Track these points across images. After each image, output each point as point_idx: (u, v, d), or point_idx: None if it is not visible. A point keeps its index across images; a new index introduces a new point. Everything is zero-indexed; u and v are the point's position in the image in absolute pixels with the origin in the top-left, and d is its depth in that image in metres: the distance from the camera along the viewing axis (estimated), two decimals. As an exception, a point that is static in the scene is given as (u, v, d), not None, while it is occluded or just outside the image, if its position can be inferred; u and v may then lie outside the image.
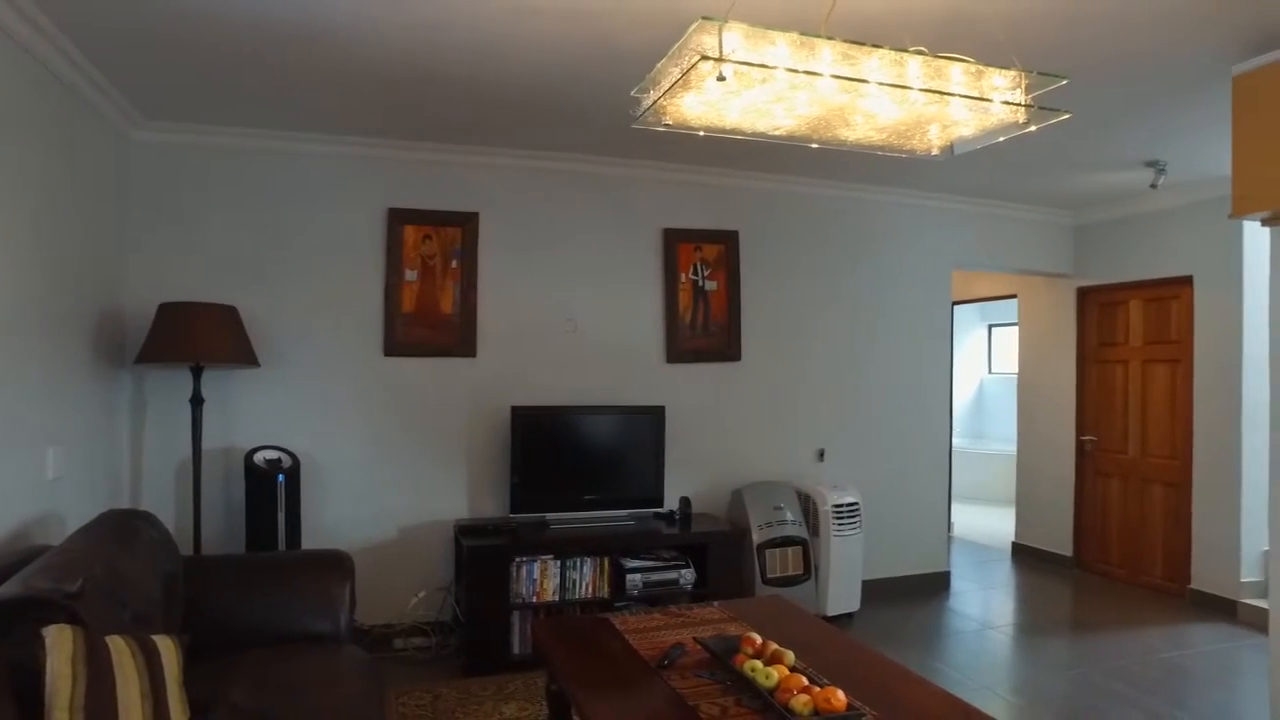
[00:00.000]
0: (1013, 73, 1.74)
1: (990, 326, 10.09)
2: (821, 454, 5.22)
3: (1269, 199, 3.08)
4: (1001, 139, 1.95)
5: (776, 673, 2.23)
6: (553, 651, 2.68)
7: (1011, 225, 5.91)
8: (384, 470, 4.32)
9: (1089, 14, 2.71)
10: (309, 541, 4.00)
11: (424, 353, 4.38)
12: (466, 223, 4.44)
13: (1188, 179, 4.91)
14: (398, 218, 4.33)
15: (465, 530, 4.16)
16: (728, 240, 4.95)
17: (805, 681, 2.19)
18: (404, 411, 4.36)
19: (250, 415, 4.10)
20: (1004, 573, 6.18)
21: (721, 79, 1.54)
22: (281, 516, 3.79)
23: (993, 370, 10.16)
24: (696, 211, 4.92)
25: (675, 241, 4.84)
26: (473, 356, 4.46)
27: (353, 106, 3.74)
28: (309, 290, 4.21)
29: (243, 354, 3.77)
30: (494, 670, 3.90)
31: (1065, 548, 6.23)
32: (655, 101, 1.73)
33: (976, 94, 1.72)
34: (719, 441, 4.96)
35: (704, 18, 1.46)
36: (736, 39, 1.53)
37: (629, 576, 4.15)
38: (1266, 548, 3.39)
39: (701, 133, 1.93)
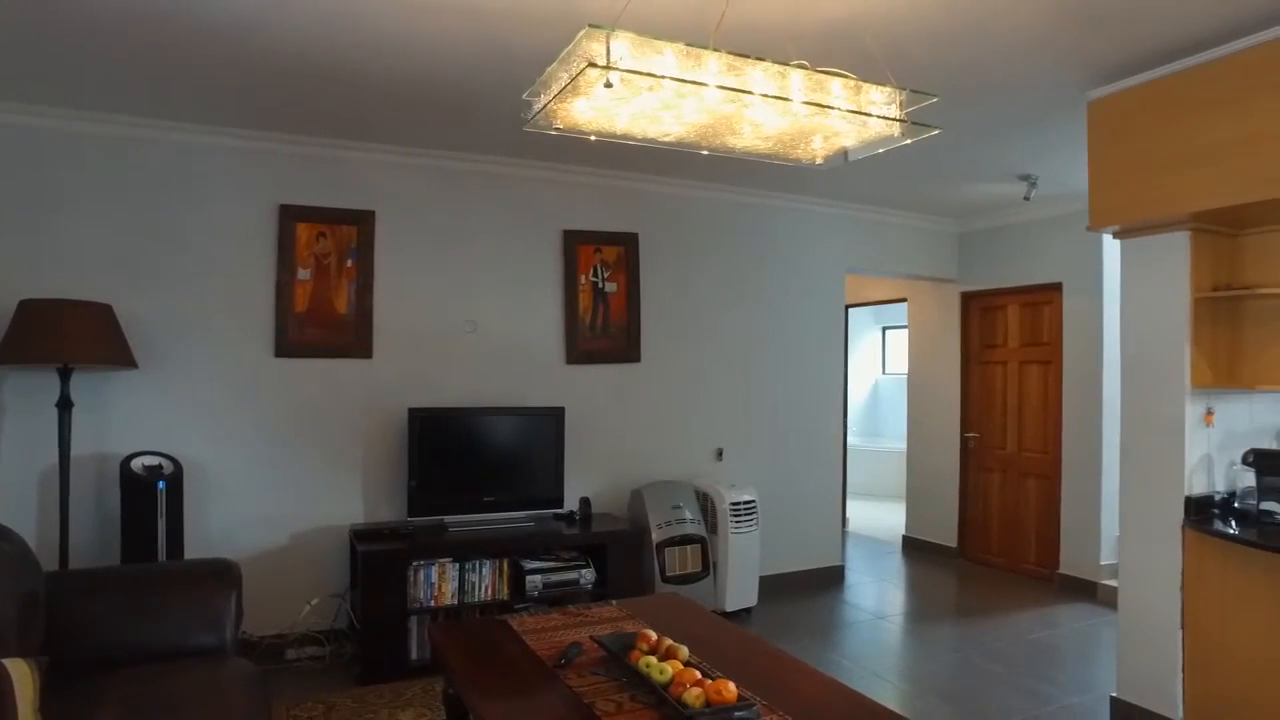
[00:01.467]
0: (889, 89, 1.84)
1: (884, 329, 10.51)
2: (720, 453, 5.34)
3: (1119, 214, 3.34)
4: (882, 150, 2.06)
5: (671, 668, 2.27)
6: (450, 655, 2.65)
7: (901, 232, 6.18)
8: (275, 475, 4.17)
9: (960, 38, 2.88)
10: (194, 551, 3.81)
11: (318, 353, 4.25)
12: (362, 221, 4.33)
13: (1057, 192, 5.25)
14: (290, 214, 4.19)
15: (361, 535, 4.06)
16: (628, 242, 5.00)
17: (698, 675, 2.24)
18: (296, 414, 4.22)
19: (128, 420, 3.87)
20: (895, 565, 6.45)
21: (609, 86, 1.57)
22: (162, 526, 3.60)
23: (886, 371, 10.59)
24: (597, 213, 4.95)
25: (575, 243, 4.86)
26: (369, 357, 4.36)
27: (240, 98, 3.60)
28: (194, 289, 4.02)
29: (118, 355, 3.57)
30: (391, 677, 3.82)
31: (951, 539, 6.56)
32: (546, 105, 1.75)
33: (855, 108, 1.82)
34: (619, 442, 5.00)
35: (591, 26, 1.49)
36: (624, 47, 1.56)
37: (529, 578, 4.14)
38: (1119, 533, 3.67)
39: (593, 137, 1.95)
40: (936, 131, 1.97)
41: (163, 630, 2.72)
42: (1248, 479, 3.34)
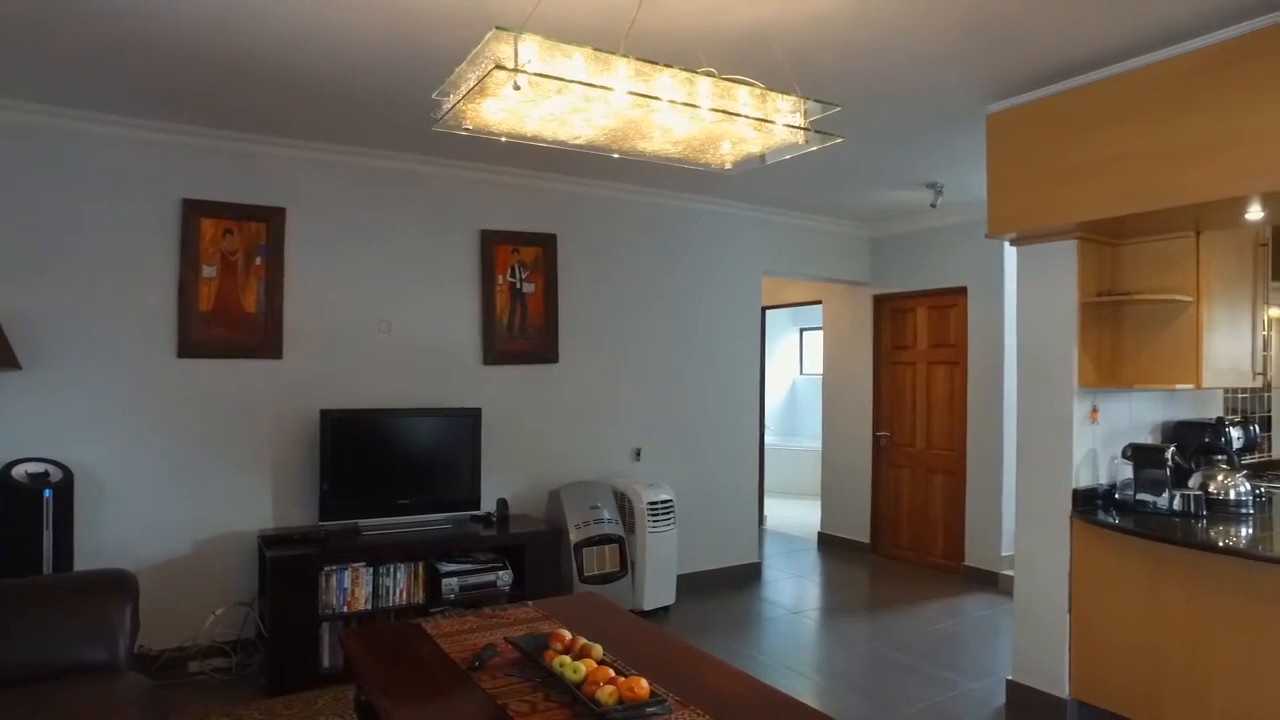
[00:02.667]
0: (793, 98, 1.90)
1: (802, 330, 10.76)
2: (638, 453, 5.38)
3: (1014, 223, 3.52)
4: (789, 156, 2.12)
5: (584, 666, 2.29)
6: (362, 661, 2.61)
7: (816, 236, 6.35)
8: (177, 481, 4.00)
9: (867, 50, 2.99)
10: (87, 562, 3.62)
11: (224, 354, 4.10)
12: (272, 218, 4.20)
13: (962, 200, 5.48)
14: (194, 209, 4.03)
15: (270, 541, 3.94)
16: (546, 243, 4.99)
17: (612, 673, 2.26)
18: (201, 417, 4.06)
19: (10, 425, 3.65)
20: (811, 561, 6.62)
21: (517, 88, 1.58)
22: (48, 537, 3.41)
23: (804, 371, 10.84)
24: (515, 213, 4.92)
25: (493, 243, 4.82)
26: (278, 358, 4.23)
27: (142, 87, 3.44)
28: (88, 286, 3.83)
29: None
30: (301, 686, 3.72)
31: (864, 535, 6.77)
32: (454, 106, 1.74)
33: (761, 116, 1.87)
34: (537, 443, 4.99)
35: (499, 28, 1.49)
36: (532, 50, 1.57)
37: (445, 580, 4.09)
38: (1015, 525, 3.86)
39: (504, 139, 1.96)
40: (839, 140, 2.05)
41: (48, 647, 2.59)
42: (1127, 472, 3.56)
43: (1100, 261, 3.63)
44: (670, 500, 4.99)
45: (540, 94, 1.68)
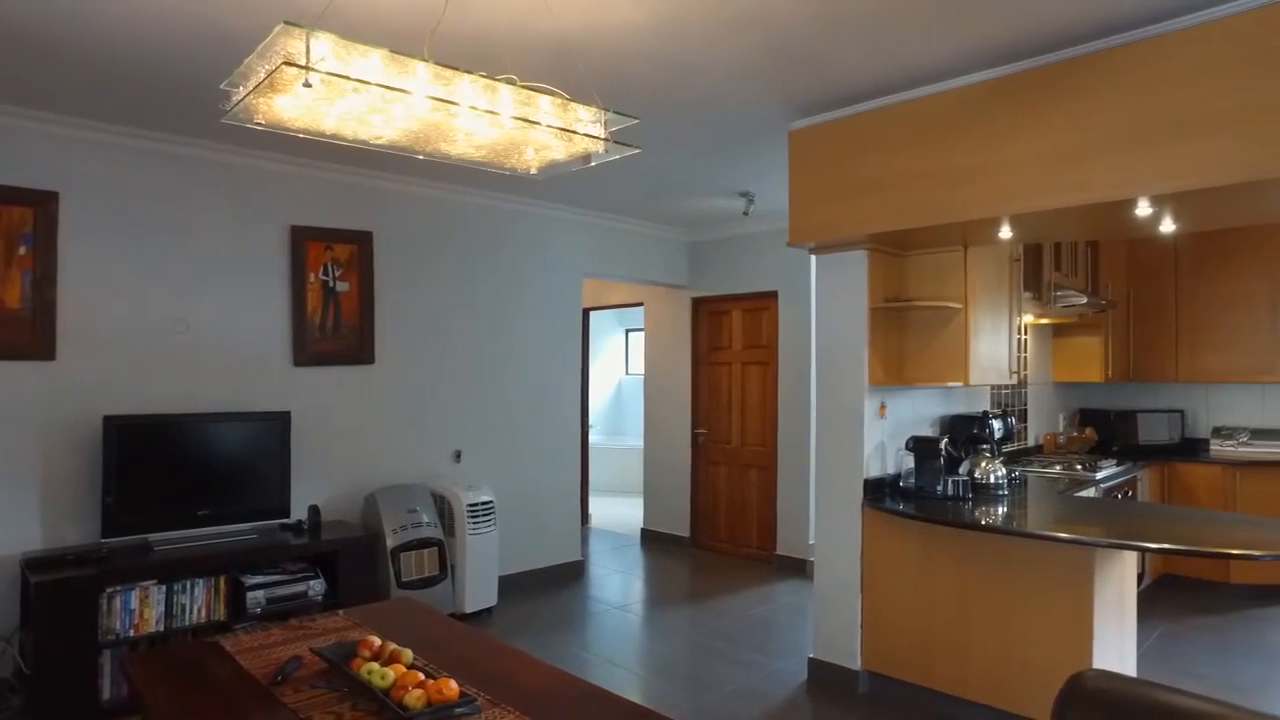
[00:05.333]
0: (594, 108, 1.97)
1: (627, 331, 11.00)
2: (458, 455, 5.31)
3: (812, 233, 3.80)
4: (594, 163, 2.19)
5: (393, 672, 2.25)
6: (148, 687, 2.42)
7: (637, 240, 6.52)
8: (-80, 499, 3.53)
9: (674, 63, 3.12)
10: None
11: (-20, 355, 3.66)
12: (42, 203, 3.79)
13: (772, 209, 5.82)
14: (-58, 191, 3.56)
15: (35, 564, 3.54)
16: (361, 240, 4.81)
17: (422, 677, 2.24)
18: (-49, 426, 3.60)
19: None
20: (634, 556, 6.79)
21: (308, 85, 1.53)
22: None
23: (629, 372, 11.09)
24: (328, 209, 4.72)
25: (304, 240, 4.60)
26: (50, 359, 3.82)
27: None
28: None
29: None
30: (77, 722, 3.38)
31: (684, 529, 7.03)
32: (243, 99, 1.66)
33: (562, 124, 1.92)
34: (352, 446, 4.81)
35: (288, 23, 1.44)
36: (326, 48, 1.53)
37: (250, 594, 3.86)
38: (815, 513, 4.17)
39: (301, 135, 1.89)
40: (637, 151, 2.14)
41: None
42: (910, 461, 3.94)
43: (887, 271, 3.99)
44: (491, 501, 4.96)
45: (336, 92, 1.64)
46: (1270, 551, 2.76)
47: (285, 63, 1.47)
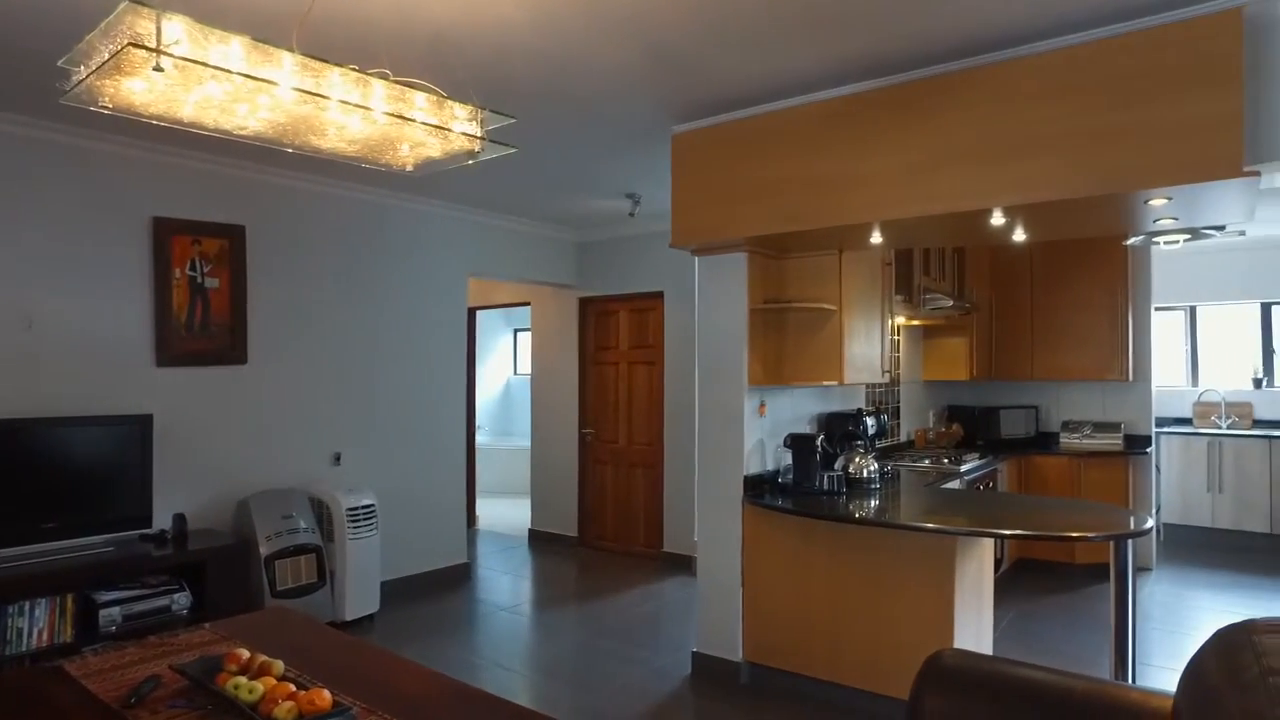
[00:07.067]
0: (470, 106, 1.95)
1: (516, 331, 10.90)
2: (338, 457, 5.13)
3: (694, 235, 3.89)
4: (471, 162, 2.17)
5: (262, 685, 2.16)
6: (-27, 721, 2.22)
7: (523, 239, 6.48)
8: None
9: (556, 62, 3.12)
10: None
11: None
12: None
13: (658, 210, 5.89)
14: None
15: None
16: (233, 234, 4.57)
17: (293, 688, 2.16)
18: None
19: None
20: (521, 557, 6.74)
21: (159, 69, 1.45)
22: None
23: (518, 372, 10.99)
24: (197, 201, 4.46)
25: (169, 233, 4.33)
26: None
27: None
28: None
29: None
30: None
31: (571, 529, 7.03)
32: (84, 80, 1.55)
33: (437, 122, 1.89)
34: (223, 450, 4.57)
35: (134, 1, 1.36)
36: (180, 30, 1.45)
37: (104, 611, 3.61)
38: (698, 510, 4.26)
39: (155, 121, 1.78)
40: (512, 150, 2.13)
41: None
42: (788, 458, 4.08)
43: (766, 273, 4.12)
44: (372, 505, 4.82)
45: (191, 79, 1.55)
46: (1103, 532, 3.02)
47: (131, 44, 1.38)
